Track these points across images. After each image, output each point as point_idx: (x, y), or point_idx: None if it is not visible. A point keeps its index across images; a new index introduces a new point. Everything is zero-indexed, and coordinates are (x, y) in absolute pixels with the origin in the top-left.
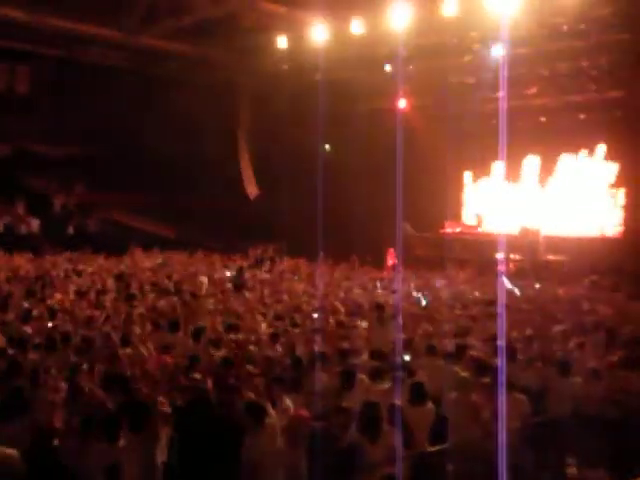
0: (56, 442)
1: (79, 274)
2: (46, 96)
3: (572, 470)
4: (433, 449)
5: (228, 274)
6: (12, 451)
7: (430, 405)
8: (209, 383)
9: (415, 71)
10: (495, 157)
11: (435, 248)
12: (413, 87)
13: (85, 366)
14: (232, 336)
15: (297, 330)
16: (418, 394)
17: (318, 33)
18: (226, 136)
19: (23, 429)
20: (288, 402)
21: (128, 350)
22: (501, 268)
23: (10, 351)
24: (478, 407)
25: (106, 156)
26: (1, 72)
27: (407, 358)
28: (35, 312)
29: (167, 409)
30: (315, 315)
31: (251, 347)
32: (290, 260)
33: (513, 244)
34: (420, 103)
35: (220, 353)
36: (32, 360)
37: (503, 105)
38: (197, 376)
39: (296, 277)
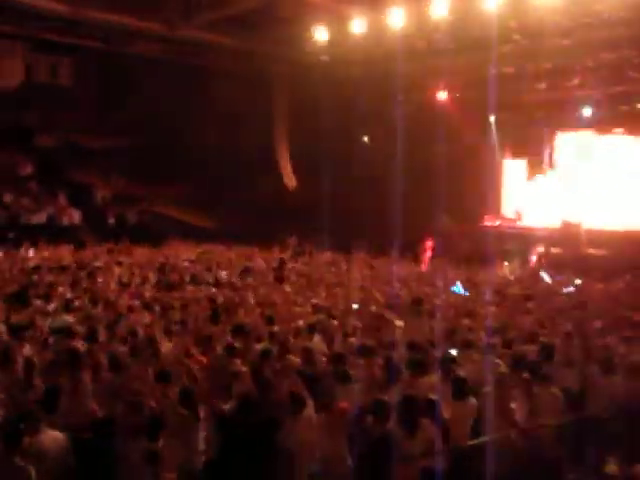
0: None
1: (120, 265)
2: (89, 88)
3: (612, 467)
4: (470, 443)
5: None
6: (60, 434)
7: (472, 400)
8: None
9: (455, 62)
10: (537, 149)
11: (474, 241)
12: (453, 79)
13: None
14: (271, 328)
15: (336, 322)
16: (460, 389)
17: (357, 24)
18: (265, 128)
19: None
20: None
21: (168, 343)
22: (540, 262)
23: (51, 340)
24: (516, 402)
25: (147, 148)
26: (45, 65)
27: (453, 352)
28: (77, 302)
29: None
30: (354, 307)
31: (290, 338)
32: (328, 252)
33: (554, 238)
34: (460, 95)
35: (259, 345)
36: (75, 349)
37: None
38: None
39: (334, 269)
